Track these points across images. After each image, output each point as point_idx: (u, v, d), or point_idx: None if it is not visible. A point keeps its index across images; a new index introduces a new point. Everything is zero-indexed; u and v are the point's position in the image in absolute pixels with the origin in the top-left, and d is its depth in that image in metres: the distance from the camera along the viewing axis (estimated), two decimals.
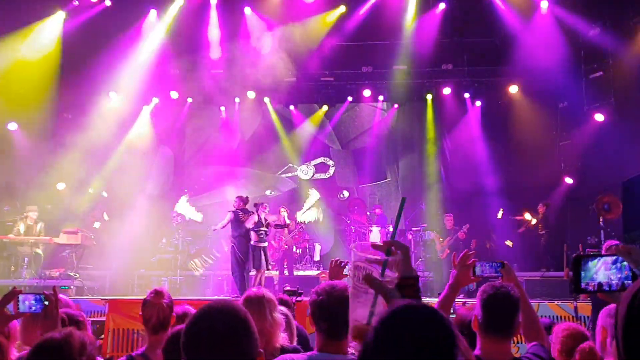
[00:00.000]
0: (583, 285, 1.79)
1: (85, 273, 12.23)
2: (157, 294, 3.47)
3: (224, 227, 10.96)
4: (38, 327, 2.71)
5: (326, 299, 2.53)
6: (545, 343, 2.97)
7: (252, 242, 10.65)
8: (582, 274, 1.78)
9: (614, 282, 1.77)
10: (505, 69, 14.57)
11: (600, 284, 1.77)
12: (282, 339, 3.26)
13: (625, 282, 1.76)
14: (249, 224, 10.63)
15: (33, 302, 2.76)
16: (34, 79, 13.03)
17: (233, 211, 10.84)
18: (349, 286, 1.62)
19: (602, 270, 1.78)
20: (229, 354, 1.46)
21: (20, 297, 2.78)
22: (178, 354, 2.65)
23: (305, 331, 4.42)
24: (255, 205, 11.05)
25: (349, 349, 2.52)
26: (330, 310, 2.50)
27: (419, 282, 1.51)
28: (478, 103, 15.37)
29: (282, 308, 3.57)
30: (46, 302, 2.72)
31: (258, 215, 10.82)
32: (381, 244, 1.55)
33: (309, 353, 2.65)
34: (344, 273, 3.86)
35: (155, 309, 3.41)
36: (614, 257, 1.79)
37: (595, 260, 1.79)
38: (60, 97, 13.40)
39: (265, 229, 10.92)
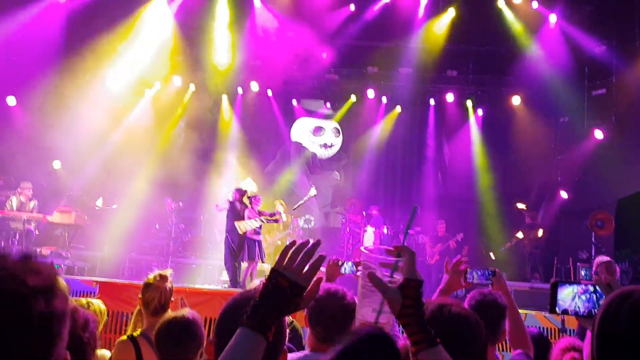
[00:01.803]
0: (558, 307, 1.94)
1: (76, 253, 12.20)
2: (162, 277, 3.49)
3: (221, 210, 11.06)
4: None
5: (326, 306, 2.52)
6: (531, 352, 3.01)
7: (247, 234, 10.70)
8: (558, 298, 1.91)
9: (581, 310, 1.89)
10: (510, 80, 14.63)
11: (565, 310, 1.91)
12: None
13: (593, 310, 1.85)
14: (248, 217, 10.74)
15: None
16: (37, 56, 13.01)
17: (231, 202, 10.92)
18: (358, 285, 1.66)
19: (570, 298, 1.91)
20: None
21: None
22: (170, 340, 2.69)
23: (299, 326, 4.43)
24: (249, 198, 11.10)
25: None
26: (329, 318, 2.51)
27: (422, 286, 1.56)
28: (480, 111, 15.44)
29: None
30: None
31: (253, 208, 10.90)
32: (392, 249, 1.61)
33: (303, 353, 2.64)
34: (341, 272, 3.89)
35: (158, 292, 3.44)
36: (586, 287, 1.89)
37: (567, 287, 1.93)
38: (61, 75, 13.37)
39: (260, 223, 10.98)
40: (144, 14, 14.02)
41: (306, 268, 1.53)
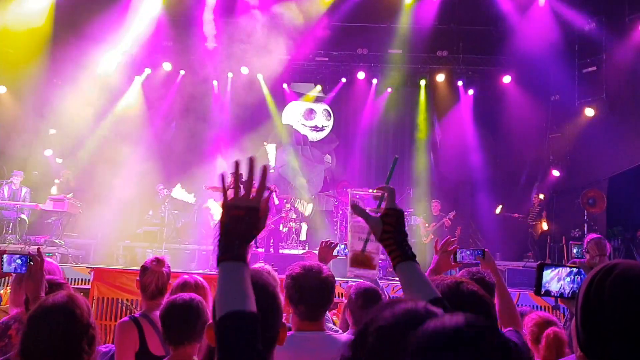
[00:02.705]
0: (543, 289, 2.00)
1: (70, 241, 12.19)
2: (158, 262, 3.51)
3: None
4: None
5: (305, 283, 2.52)
6: (520, 329, 3.04)
7: None
8: (544, 280, 1.97)
9: (566, 291, 1.95)
10: (500, 59, 14.60)
11: (547, 291, 1.97)
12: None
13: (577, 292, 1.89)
14: None
15: (18, 262, 2.76)
16: (25, 43, 12.89)
17: None
18: (349, 223, 1.76)
19: (555, 280, 1.96)
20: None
21: (5, 257, 2.77)
22: (176, 321, 2.72)
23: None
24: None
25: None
26: (308, 295, 2.51)
27: (404, 217, 1.70)
28: (471, 91, 15.43)
29: None
30: (31, 263, 2.72)
31: None
32: (377, 192, 1.73)
33: (290, 333, 2.65)
34: (333, 254, 3.90)
35: (155, 276, 3.46)
36: (570, 270, 1.95)
37: (551, 269, 1.98)
38: (51, 63, 13.27)
39: None
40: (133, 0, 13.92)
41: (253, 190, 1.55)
